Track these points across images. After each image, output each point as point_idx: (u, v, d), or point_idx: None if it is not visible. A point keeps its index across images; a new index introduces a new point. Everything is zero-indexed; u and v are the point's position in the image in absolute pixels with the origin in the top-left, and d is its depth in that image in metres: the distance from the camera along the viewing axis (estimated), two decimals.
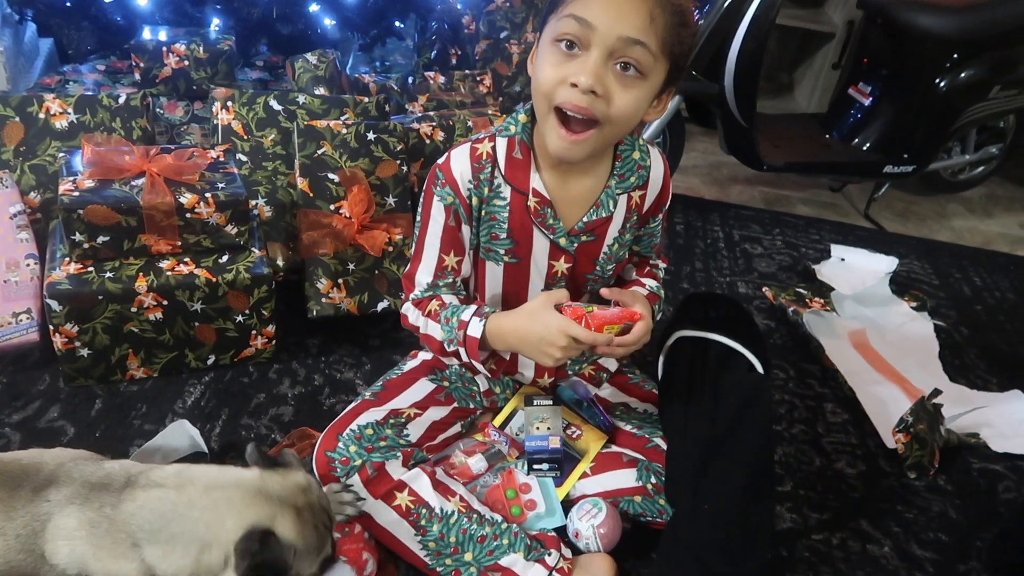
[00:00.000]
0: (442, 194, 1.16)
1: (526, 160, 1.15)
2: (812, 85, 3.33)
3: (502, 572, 1.14)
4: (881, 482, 1.52)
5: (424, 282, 1.21)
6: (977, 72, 2.35)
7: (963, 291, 2.26)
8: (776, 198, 2.72)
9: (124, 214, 1.41)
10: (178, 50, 2.01)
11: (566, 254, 1.20)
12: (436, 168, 1.17)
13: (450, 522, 1.15)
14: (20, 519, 0.99)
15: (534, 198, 1.15)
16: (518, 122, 1.16)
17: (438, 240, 1.19)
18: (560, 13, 1.01)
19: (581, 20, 0.99)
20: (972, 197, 2.93)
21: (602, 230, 1.20)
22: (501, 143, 1.16)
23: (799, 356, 1.85)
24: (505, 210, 1.16)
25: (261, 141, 1.76)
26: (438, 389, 1.30)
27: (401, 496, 1.15)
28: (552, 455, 1.27)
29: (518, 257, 1.20)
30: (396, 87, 2.26)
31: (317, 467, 1.17)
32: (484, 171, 1.15)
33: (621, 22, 0.98)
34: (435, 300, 1.20)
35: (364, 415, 1.21)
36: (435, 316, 1.18)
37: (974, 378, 1.87)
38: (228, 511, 0.97)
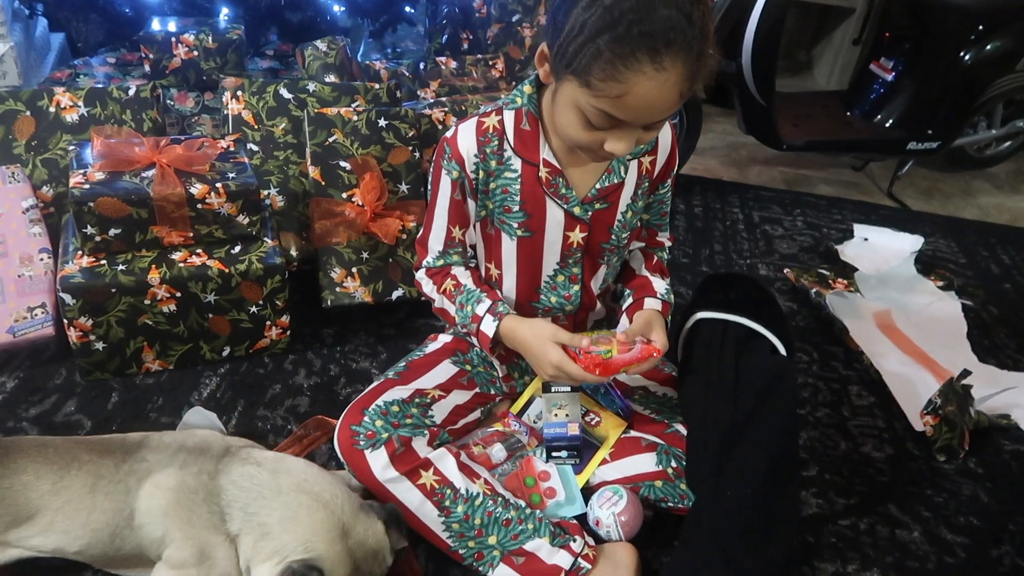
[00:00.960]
0: (449, 168, 1.17)
1: (534, 131, 1.14)
2: (832, 62, 3.26)
3: (526, 557, 1.13)
4: (909, 466, 1.48)
5: (436, 249, 1.25)
6: (1003, 44, 2.28)
7: (991, 269, 2.20)
8: (796, 178, 2.67)
9: (135, 206, 1.40)
10: (187, 41, 1.99)
11: (581, 223, 1.19)
12: (444, 141, 1.17)
13: (475, 504, 1.14)
14: (111, 477, 1.02)
15: (545, 168, 1.14)
16: (524, 94, 1.14)
17: (446, 212, 1.21)
18: (587, 97, 0.96)
19: (618, 121, 0.97)
20: (999, 173, 2.86)
21: (615, 197, 1.19)
22: (508, 116, 1.15)
23: (822, 338, 1.82)
24: (516, 182, 1.16)
25: (272, 130, 1.75)
26: (461, 373, 1.29)
27: (426, 475, 1.14)
28: (571, 442, 1.25)
29: (531, 231, 1.19)
30: (407, 73, 2.24)
31: (339, 442, 1.15)
32: (491, 144, 1.15)
33: (654, 114, 0.97)
34: (449, 278, 1.24)
35: (389, 392, 1.20)
36: (450, 296, 1.24)
37: (1004, 358, 1.82)
38: (303, 524, 0.99)
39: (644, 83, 0.91)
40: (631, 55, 0.90)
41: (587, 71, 0.93)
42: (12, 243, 1.50)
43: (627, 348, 1.13)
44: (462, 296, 1.22)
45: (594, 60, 0.92)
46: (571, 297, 1.27)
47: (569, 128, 1.03)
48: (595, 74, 0.93)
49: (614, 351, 1.12)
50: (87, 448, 1.07)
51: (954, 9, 2.25)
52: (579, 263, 1.24)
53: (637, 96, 0.93)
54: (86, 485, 1.02)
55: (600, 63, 0.92)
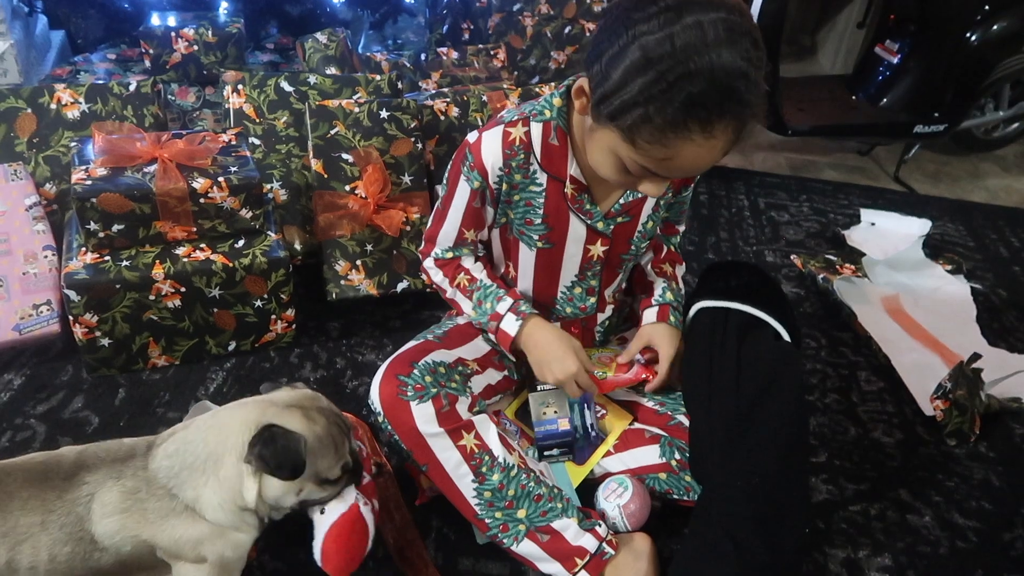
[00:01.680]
0: (469, 176, 1.14)
1: (563, 147, 1.11)
2: (836, 46, 3.23)
3: (552, 535, 1.12)
4: (920, 450, 1.47)
5: (446, 244, 1.23)
6: (1010, 24, 2.26)
7: (1000, 252, 2.18)
8: (802, 164, 2.65)
9: (137, 201, 1.39)
10: (187, 35, 1.99)
11: (603, 237, 1.18)
12: (467, 147, 1.13)
13: (511, 475, 1.12)
14: (60, 509, 0.97)
15: (571, 185, 1.13)
16: (553, 107, 1.10)
17: (460, 215, 1.19)
18: (632, 151, 0.93)
19: (659, 178, 0.98)
20: (1007, 155, 2.83)
21: (637, 209, 1.18)
22: (536, 128, 1.11)
23: (831, 324, 1.80)
24: (541, 196, 1.14)
25: (273, 124, 1.74)
26: (493, 352, 1.26)
27: (468, 437, 1.12)
28: (563, 439, 1.24)
29: (552, 243, 1.18)
30: (408, 65, 2.23)
31: (381, 391, 1.11)
32: (517, 157, 1.11)
33: (696, 171, 0.98)
34: (461, 271, 1.23)
35: (435, 353, 1.17)
36: (464, 291, 1.22)
37: (1014, 341, 1.81)
38: (232, 424, 0.99)
39: (691, 149, 0.89)
40: (682, 125, 0.87)
41: (633, 131, 0.90)
42: (16, 241, 1.49)
43: (625, 369, 1.24)
44: (479, 292, 1.20)
45: (642, 123, 0.89)
46: (587, 308, 1.27)
47: (603, 168, 1.02)
48: (641, 135, 0.90)
49: (609, 373, 1.23)
50: (21, 481, 0.98)
51: None
52: (597, 276, 1.24)
53: (683, 160, 0.91)
54: (35, 523, 0.96)
55: (648, 127, 0.89)
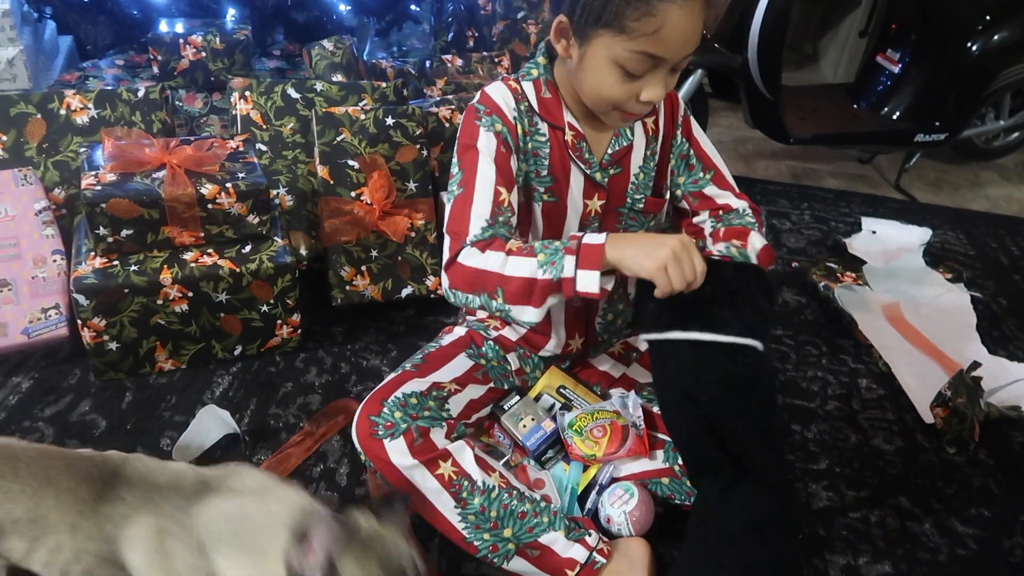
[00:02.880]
0: (489, 122, 1.13)
1: (555, 98, 1.18)
2: (838, 54, 3.25)
3: (541, 550, 1.13)
4: (920, 458, 1.48)
5: (483, 217, 1.09)
6: (1011, 34, 2.27)
7: (1000, 261, 2.19)
8: (804, 172, 2.67)
9: (146, 207, 1.41)
10: (195, 42, 2.01)
11: (600, 190, 1.22)
12: (474, 105, 1.16)
13: (491, 496, 1.14)
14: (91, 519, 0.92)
15: (570, 131, 1.18)
16: (539, 65, 1.19)
17: (492, 172, 1.11)
18: (624, 43, 1.01)
19: (654, 56, 1.02)
20: (1007, 164, 2.85)
21: (626, 160, 1.23)
22: (528, 86, 1.18)
23: (831, 332, 1.82)
24: (546, 146, 1.18)
25: (280, 130, 1.76)
26: (476, 367, 1.29)
27: (444, 466, 1.13)
28: (552, 438, 1.27)
29: (556, 196, 1.21)
30: (414, 71, 2.24)
31: (358, 432, 1.14)
32: (523, 103, 1.17)
33: (687, 47, 1.03)
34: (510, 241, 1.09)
35: (408, 384, 1.19)
36: (521, 251, 1.05)
37: (1014, 349, 1.82)
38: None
39: (676, 11, 0.97)
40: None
41: (620, 17, 0.99)
42: (25, 245, 1.51)
43: (616, 444, 1.22)
44: (538, 246, 1.06)
45: (626, 4, 0.97)
46: None
47: (604, 87, 1.07)
48: (629, 16, 0.98)
49: (599, 453, 1.23)
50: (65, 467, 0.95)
51: None
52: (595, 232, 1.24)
53: (673, 27, 0.99)
54: (66, 522, 0.92)
55: (633, 4, 0.97)
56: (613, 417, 1.25)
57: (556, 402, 1.32)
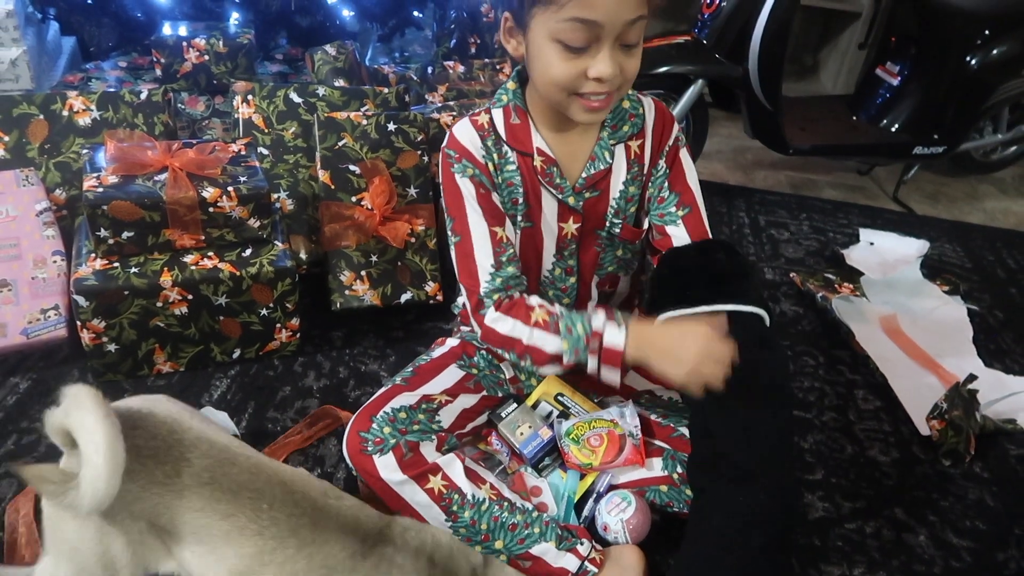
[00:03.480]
0: (461, 168, 1.15)
1: (524, 123, 1.17)
2: (838, 66, 3.27)
3: (533, 561, 1.13)
4: (915, 470, 1.49)
5: (487, 265, 1.13)
6: (1009, 48, 2.29)
7: (997, 274, 2.20)
8: (802, 182, 2.68)
9: (148, 209, 1.41)
10: (198, 45, 2.01)
11: (575, 214, 1.20)
12: (444, 150, 1.17)
13: (481, 509, 1.14)
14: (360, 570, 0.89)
15: (539, 157, 1.17)
16: (508, 91, 1.18)
17: (479, 216, 1.14)
18: (556, 15, 0.99)
19: (585, 21, 0.98)
20: (1004, 177, 2.86)
21: (604, 184, 1.20)
22: (497, 114, 1.17)
23: (829, 342, 1.82)
24: (517, 174, 1.17)
25: (282, 134, 1.76)
26: (467, 376, 1.30)
27: (434, 480, 1.14)
28: (549, 445, 1.27)
29: (531, 221, 1.20)
30: (415, 77, 2.25)
31: (348, 447, 1.16)
32: (489, 138, 1.16)
33: (623, 9, 0.99)
34: (535, 308, 1.11)
35: (397, 399, 1.20)
36: (547, 326, 1.09)
37: (1010, 363, 1.82)
38: None
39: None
40: None
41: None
42: (26, 245, 1.51)
43: (613, 453, 1.22)
44: (564, 319, 1.08)
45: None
46: (567, 289, 1.28)
47: (551, 69, 1.04)
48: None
49: (595, 461, 1.22)
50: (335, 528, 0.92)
51: (960, 13, 2.25)
52: (574, 255, 1.25)
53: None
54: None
55: None
56: (610, 426, 1.26)
57: (553, 409, 1.33)
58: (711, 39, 2.13)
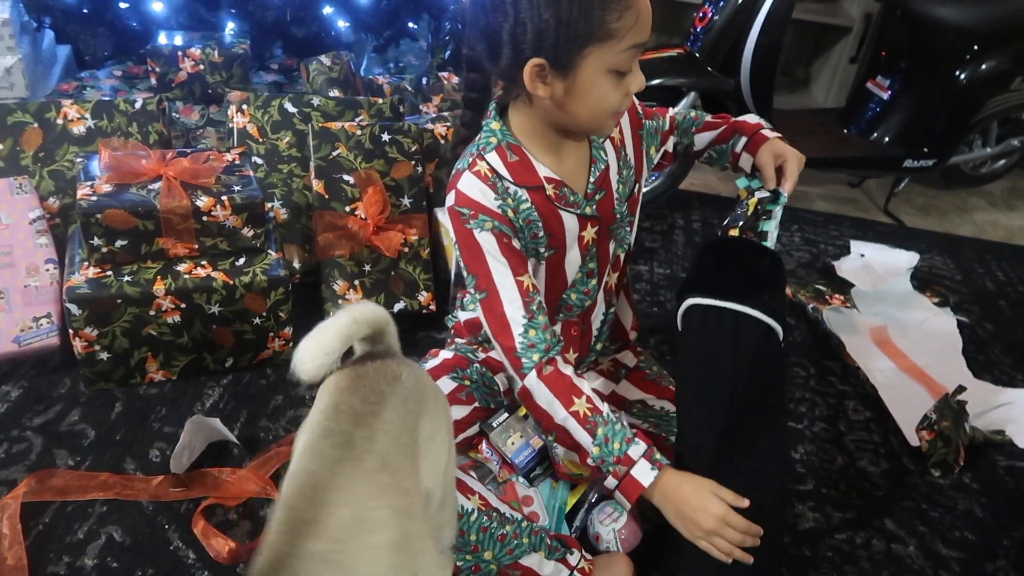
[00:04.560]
0: (478, 224, 1.12)
1: (524, 158, 1.14)
2: (829, 79, 3.29)
3: (522, 571, 1.14)
4: (905, 480, 1.50)
5: (520, 320, 1.12)
6: (998, 64, 2.31)
7: (986, 286, 2.22)
8: (794, 194, 2.66)
9: (141, 218, 1.42)
10: (193, 55, 2.02)
11: (591, 220, 1.21)
12: (455, 209, 1.13)
13: (470, 520, 1.14)
14: None
15: (550, 185, 1.16)
16: (494, 131, 1.14)
17: (505, 268, 1.12)
18: (616, 48, 1.01)
19: (640, 45, 1.04)
20: (994, 190, 2.88)
21: (606, 181, 1.23)
22: (493, 158, 1.13)
23: (820, 353, 1.83)
24: (533, 210, 1.16)
25: (276, 144, 1.77)
26: (460, 388, 1.30)
27: None
28: (541, 455, 1.27)
29: (554, 248, 1.20)
30: (410, 88, 2.26)
31: None
32: (498, 185, 1.13)
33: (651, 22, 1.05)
34: (578, 395, 1.11)
35: None
36: (585, 422, 1.10)
37: (999, 374, 1.84)
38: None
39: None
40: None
41: (604, 24, 1.00)
42: (19, 253, 1.51)
43: None
44: (605, 427, 1.09)
45: (605, 11, 0.99)
46: (590, 292, 1.28)
47: (605, 100, 1.06)
48: (611, 20, 1.00)
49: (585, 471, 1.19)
50: None
51: (950, 29, 2.28)
52: (595, 257, 1.26)
53: (646, 9, 1.02)
54: None
55: (610, 7, 0.99)
56: None
57: None
58: (704, 52, 2.15)
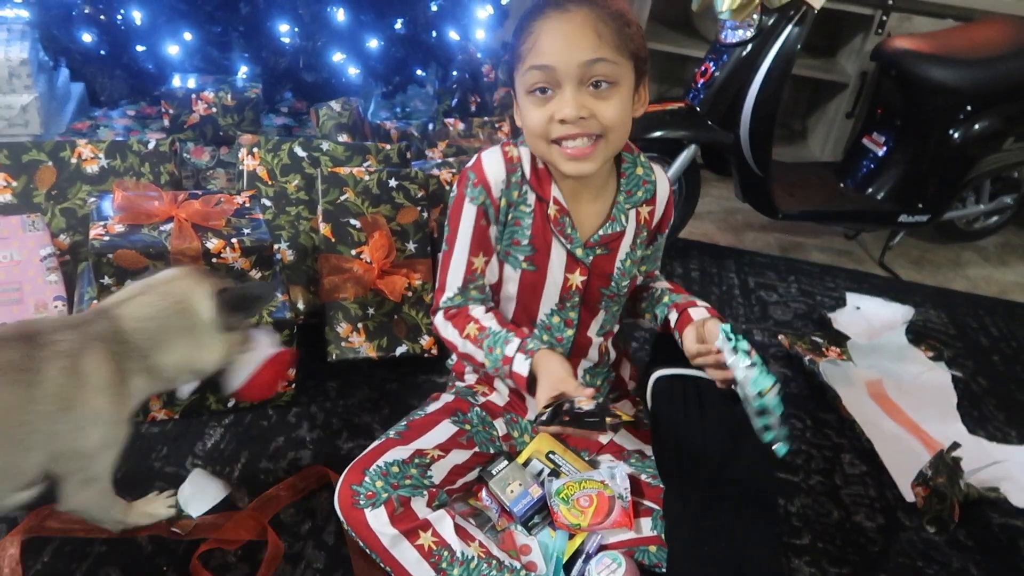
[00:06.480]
0: (473, 194, 1.21)
1: (546, 170, 1.23)
2: (826, 133, 3.36)
3: None
4: (900, 536, 1.50)
5: (455, 284, 1.26)
6: (990, 124, 2.37)
7: (980, 341, 2.25)
8: (791, 245, 2.74)
9: (152, 259, 1.44)
10: (207, 97, 2.07)
11: (582, 266, 1.25)
12: (467, 171, 1.23)
13: (470, 567, 1.15)
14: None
15: (554, 206, 1.22)
16: None
17: (468, 241, 1.24)
18: (522, 68, 1.12)
19: (541, 67, 1.09)
20: (987, 246, 2.93)
21: (615, 244, 1.26)
22: (525, 152, 1.23)
23: (816, 406, 1.85)
24: (529, 216, 1.22)
25: (285, 187, 1.80)
26: (460, 432, 1.31)
27: (424, 536, 1.15)
28: (539, 504, 1.28)
29: (536, 265, 1.25)
30: (416, 133, 2.31)
31: (340, 501, 1.16)
32: (515, 173, 1.22)
33: (573, 51, 1.08)
34: (471, 321, 1.24)
35: (390, 453, 1.22)
36: (475, 341, 1.23)
37: (993, 430, 1.85)
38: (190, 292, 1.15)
39: (550, 23, 1.08)
40: (540, 12, 1.10)
41: (516, 49, 1.12)
42: (28, 290, 1.53)
43: (602, 515, 1.23)
44: (489, 339, 1.22)
45: (517, 38, 1.12)
46: (563, 340, 1.32)
47: (529, 121, 1.14)
48: (520, 46, 1.11)
49: (584, 522, 1.23)
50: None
51: (943, 90, 2.34)
52: (576, 308, 1.29)
53: (548, 35, 1.08)
54: None
55: (523, 34, 1.11)
56: (600, 487, 1.27)
57: (545, 467, 1.34)
58: (704, 106, 2.20)
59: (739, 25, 2.11)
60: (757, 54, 2.12)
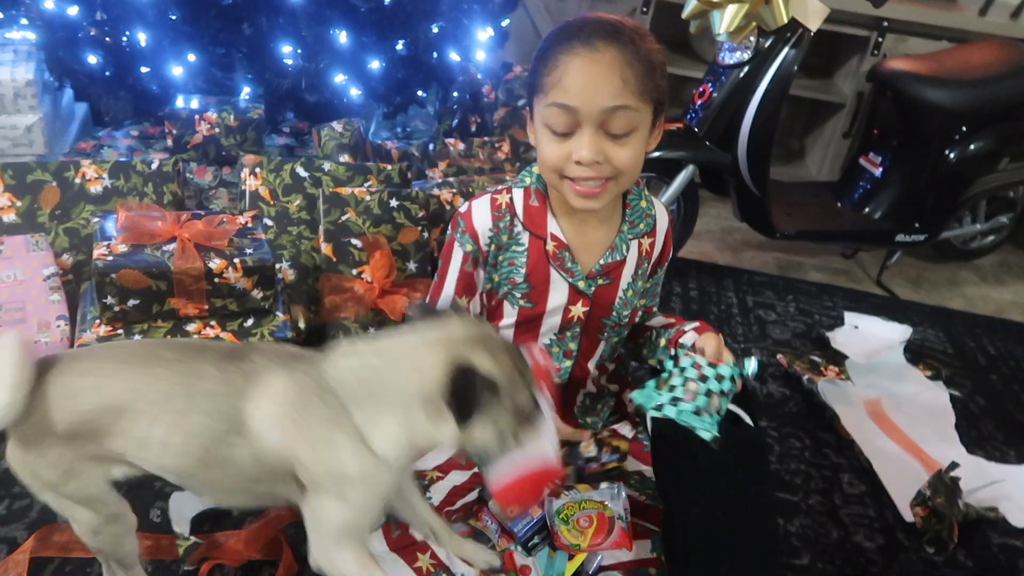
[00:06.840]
0: (462, 241, 1.24)
1: (543, 207, 1.23)
2: (823, 153, 3.38)
3: None
4: (900, 556, 1.50)
5: None
6: (986, 144, 2.40)
7: (978, 360, 2.26)
8: (789, 264, 2.75)
9: (155, 278, 1.45)
10: (210, 118, 2.09)
11: (584, 298, 1.25)
12: (458, 216, 1.25)
13: None
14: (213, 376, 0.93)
15: (552, 242, 1.22)
16: (532, 173, 1.25)
17: (455, 282, 1.26)
18: (543, 101, 1.11)
19: (563, 107, 1.08)
20: (984, 265, 2.94)
21: (617, 274, 1.26)
22: (518, 194, 1.24)
23: (814, 425, 1.85)
24: (523, 255, 1.23)
25: (287, 206, 1.82)
26: (459, 453, 1.32)
27: (423, 558, 1.16)
28: (540, 525, 1.28)
29: (533, 302, 1.25)
30: (417, 153, 2.33)
31: None
32: (503, 220, 1.23)
33: (598, 96, 1.07)
34: None
35: None
36: None
37: (991, 449, 1.86)
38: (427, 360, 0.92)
39: (578, 61, 1.06)
40: (568, 45, 1.07)
41: (539, 77, 1.10)
42: (31, 309, 1.54)
43: (601, 536, 1.22)
44: None
45: (542, 65, 1.10)
46: (560, 370, 1.32)
47: (544, 151, 1.14)
48: (543, 74, 1.09)
49: (583, 543, 1.22)
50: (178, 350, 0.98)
51: (939, 110, 2.36)
52: (576, 339, 1.29)
53: (573, 75, 1.06)
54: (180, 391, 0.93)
55: (544, 62, 1.09)
56: (600, 507, 1.27)
57: None
58: (702, 127, 2.22)
59: (736, 47, 2.14)
60: (754, 75, 2.15)
